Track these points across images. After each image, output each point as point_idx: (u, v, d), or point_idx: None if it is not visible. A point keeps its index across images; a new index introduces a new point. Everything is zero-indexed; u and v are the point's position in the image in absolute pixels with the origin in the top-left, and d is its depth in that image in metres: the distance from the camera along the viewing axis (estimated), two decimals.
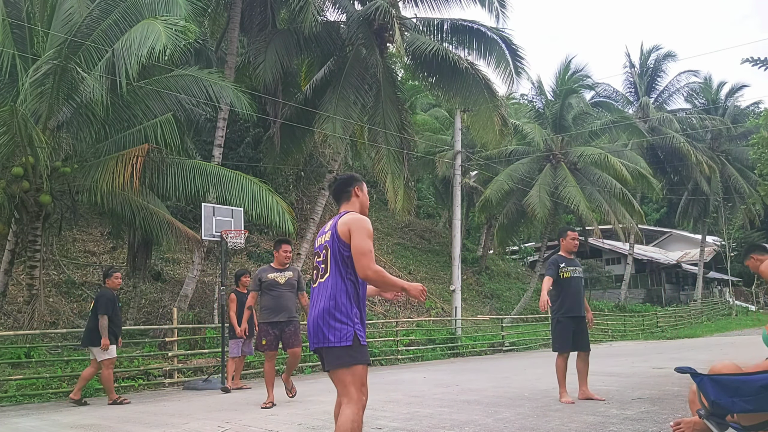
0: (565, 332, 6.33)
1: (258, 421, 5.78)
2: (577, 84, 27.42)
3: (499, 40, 17.17)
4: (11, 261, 11.64)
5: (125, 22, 10.52)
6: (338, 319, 3.06)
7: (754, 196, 30.53)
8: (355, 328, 3.07)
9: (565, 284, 6.40)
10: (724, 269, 36.48)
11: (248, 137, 18.34)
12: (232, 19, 15.29)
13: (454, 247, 19.24)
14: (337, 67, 16.60)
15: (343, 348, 3.04)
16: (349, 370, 3.06)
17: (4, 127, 9.27)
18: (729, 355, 10.70)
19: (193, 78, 11.63)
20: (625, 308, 29.14)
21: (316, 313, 3.12)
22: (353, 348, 3.04)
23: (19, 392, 8.70)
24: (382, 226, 26.43)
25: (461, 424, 5.20)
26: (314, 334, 3.11)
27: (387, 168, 15.95)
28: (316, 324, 3.10)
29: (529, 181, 23.94)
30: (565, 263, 6.46)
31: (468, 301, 22.87)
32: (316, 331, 3.10)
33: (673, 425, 3.17)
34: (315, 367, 12.24)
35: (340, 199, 3.48)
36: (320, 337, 3.08)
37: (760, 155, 18.19)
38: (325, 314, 3.08)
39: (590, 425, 4.95)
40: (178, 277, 15.45)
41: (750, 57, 8.33)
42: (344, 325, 3.05)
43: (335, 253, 3.18)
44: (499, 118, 17.45)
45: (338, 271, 3.15)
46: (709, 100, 34.57)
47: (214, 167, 12.11)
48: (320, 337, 3.08)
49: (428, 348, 15.51)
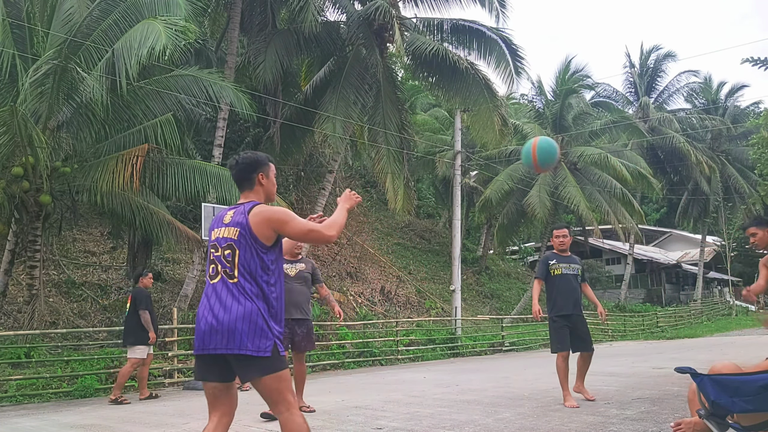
0: (560, 331, 6.19)
1: (258, 421, 5.78)
2: (577, 84, 27.46)
3: (499, 40, 17.17)
4: (11, 261, 11.64)
5: (125, 22, 10.52)
6: (260, 326, 2.78)
7: (754, 196, 30.51)
8: (275, 338, 2.82)
9: (555, 282, 6.28)
10: (724, 269, 36.49)
11: (248, 137, 18.33)
12: (232, 19, 15.29)
13: (454, 247, 19.24)
14: (337, 67, 16.60)
15: (270, 357, 2.80)
16: (279, 375, 2.83)
17: (4, 127, 9.27)
18: (729, 355, 10.70)
19: (193, 78, 11.63)
20: (625, 308, 29.15)
21: (233, 318, 2.77)
22: (277, 355, 2.83)
23: (19, 392, 8.70)
24: (382, 226, 26.43)
25: (461, 424, 5.20)
26: (228, 338, 2.76)
27: (387, 168, 15.95)
28: (232, 328, 2.76)
29: (529, 181, 23.95)
30: (555, 260, 6.33)
31: (468, 301, 22.87)
32: (230, 336, 2.76)
33: (673, 426, 3.16)
34: (315, 367, 12.25)
35: (241, 185, 3.08)
36: (236, 343, 2.75)
37: (760, 155, 18.19)
38: (242, 319, 2.77)
39: (590, 425, 4.95)
40: (178, 277, 15.45)
41: (750, 57, 8.34)
42: (265, 333, 2.79)
43: (249, 254, 2.86)
44: (499, 118, 17.45)
45: (254, 274, 2.85)
46: (709, 100, 34.58)
47: (214, 167, 12.11)
48: (236, 343, 2.75)
49: (428, 348, 15.51)
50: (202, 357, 2.88)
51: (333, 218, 3.08)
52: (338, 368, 12.68)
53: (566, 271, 6.27)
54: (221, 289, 2.88)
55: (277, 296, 2.93)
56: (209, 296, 2.91)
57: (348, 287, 18.70)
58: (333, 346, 13.47)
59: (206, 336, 2.82)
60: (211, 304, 2.87)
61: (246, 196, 3.07)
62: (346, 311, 16.95)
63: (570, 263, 6.34)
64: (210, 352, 2.82)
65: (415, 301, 20.76)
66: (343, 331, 14.17)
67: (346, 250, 21.08)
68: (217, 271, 2.92)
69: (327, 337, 13.93)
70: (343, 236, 21.83)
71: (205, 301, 2.92)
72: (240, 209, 2.98)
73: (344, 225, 3.06)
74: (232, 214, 2.98)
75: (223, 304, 2.83)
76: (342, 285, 18.56)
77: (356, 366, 13.08)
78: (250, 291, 2.84)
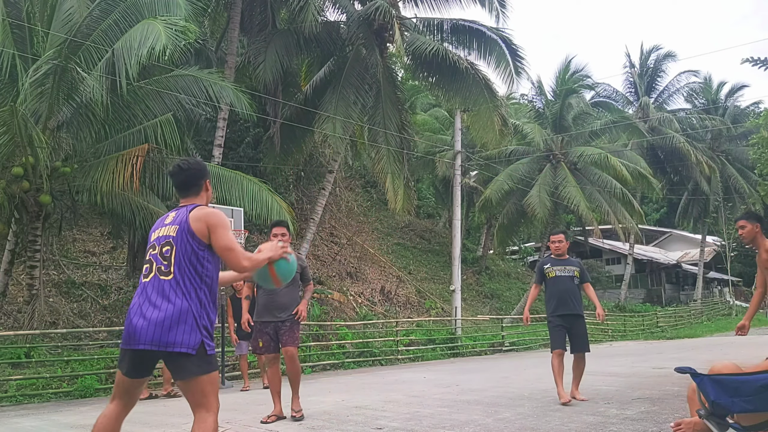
0: (555, 330, 6.49)
1: (258, 421, 5.78)
2: (577, 84, 27.44)
3: (499, 40, 17.18)
4: (11, 261, 11.64)
5: (125, 22, 10.51)
6: (190, 324, 2.83)
7: (754, 196, 30.51)
8: (203, 336, 2.86)
9: (551, 283, 6.58)
10: (724, 269, 36.49)
11: (248, 137, 18.33)
12: (232, 19, 15.29)
13: (454, 247, 19.24)
14: (337, 67, 16.60)
15: (198, 356, 2.83)
16: (208, 378, 2.87)
17: (4, 127, 9.27)
18: (729, 355, 10.70)
19: (193, 78, 11.63)
20: (625, 308, 29.16)
21: (165, 315, 2.81)
22: (206, 355, 2.86)
23: (19, 392, 8.69)
24: (382, 226, 26.43)
25: (461, 424, 5.20)
26: (159, 336, 2.79)
27: (387, 168, 15.95)
28: (165, 326, 2.79)
29: (529, 181, 23.95)
30: (550, 263, 6.65)
31: (468, 301, 22.87)
32: (161, 334, 2.79)
33: (673, 426, 3.16)
34: (315, 367, 12.26)
35: (188, 191, 3.13)
36: (168, 341, 2.79)
37: (760, 155, 18.17)
38: (174, 317, 2.81)
39: (590, 425, 4.95)
40: None
41: (750, 57, 8.36)
42: (196, 331, 2.84)
43: (186, 251, 2.91)
44: (499, 118, 17.46)
45: (188, 272, 2.89)
46: (709, 100, 34.58)
47: (214, 167, 12.11)
48: (168, 341, 2.79)
49: (428, 348, 15.51)
50: (129, 353, 2.91)
51: (255, 255, 3.17)
52: (338, 368, 12.68)
53: (560, 273, 6.54)
54: (155, 286, 2.91)
55: (209, 296, 2.98)
56: (141, 294, 2.94)
57: (348, 287, 18.70)
58: (333, 346, 13.47)
59: (137, 333, 2.83)
60: (142, 302, 2.90)
61: (190, 201, 3.13)
62: (346, 311, 16.94)
63: (565, 265, 6.60)
64: (141, 348, 2.84)
65: (415, 301, 20.76)
66: (343, 331, 14.17)
67: (346, 250, 21.08)
68: (151, 269, 2.95)
69: (327, 337, 13.93)
70: (343, 236, 21.84)
71: (138, 298, 2.95)
72: (182, 210, 3.05)
73: (262, 263, 3.12)
74: (174, 215, 3.05)
75: (155, 302, 2.86)
76: (342, 285, 18.56)
77: (356, 366, 13.08)
78: (184, 288, 2.88)
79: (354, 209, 24.68)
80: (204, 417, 2.86)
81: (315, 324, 13.82)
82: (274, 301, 5.75)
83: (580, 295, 6.63)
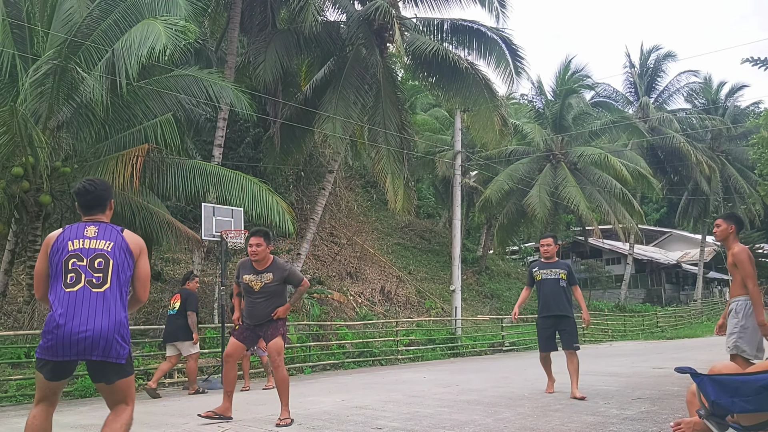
0: (541, 331, 6.95)
1: (258, 421, 5.79)
2: (577, 84, 27.48)
3: (499, 40, 17.18)
4: (11, 261, 11.64)
5: (125, 22, 10.51)
6: (123, 336, 3.07)
7: (754, 196, 30.54)
8: (128, 344, 3.12)
9: (538, 286, 6.93)
10: (724, 269, 36.43)
11: (248, 137, 18.34)
12: (232, 19, 15.29)
13: (454, 247, 19.25)
14: (337, 67, 16.60)
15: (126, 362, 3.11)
16: (129, 379, 3.18)
17: (4, 127, 9.27)
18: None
19: (193, 78, 11.63)
20: (625, 308, 29.13)
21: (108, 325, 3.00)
22: (131, 359, 3.16)
23: (19, 392, 8.69)
24: (382, 226, 26.43)
25: (461, 424, 5.20)
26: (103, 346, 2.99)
27: (387, 168, 15.95)
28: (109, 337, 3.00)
29: (529, 181, 23.96)
30: (537, 267, 6.97)
31: (468, 301, 22.87)
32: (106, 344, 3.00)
33: (673, 426, 3.16)
34: (315, 367, 12.26)
35: (94, 209, 3.28)
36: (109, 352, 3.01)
37: (760, 155, 18.16)
38: (116, 329, 3.04)
39: (590, 425, 4.95)
40: (178, 277, 15.43)
41: (750, 57, 8.37)
42: (125, 343, 3.09)
43: (123, 267, 3.14)
44: (499, 118, 17.46)
45: (119, 286, 3.12)
46: (709, 100, 34.59)
47: (214, 167, 12.11)
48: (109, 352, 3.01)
49: (428, 348, 15.51)
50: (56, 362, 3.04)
51: (139, 301, 3.36)
52: (338, 368, 12.68)
53: (546, 276, 6.85)
54: (86, 298, 3.03)
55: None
56: (70, 304, 3.01)
57: (348, 287, 18.70)
58: (333, 346, 13.47)
59: (74, 344, 2.96)
60: (74, 312, 2.99)
61: (96, 217, 3.27)
62: (346, 311, 16.95)
63: (552, 268, 6.87)
64: (81, 359, 3.03)
65: (415, 301, 20.77)
66: (343, 331, 14.17)
67: (346, 250, 21.09)
68: (79, 280, 3.05)
69: (327, 337, 13.93)
70: (343, 236, 21.85)
71: (66, 308, 3.00)
72: (106, 226, 3.23)
73: (143, 303, 3.44)
74: (96, 229, 3.19)
75: (89, 314, 2.99)
76: (342, 285, 18.56)
77: (356, 366, 13.08)
78: (119, 301, 3.10)
79: (354, 209, 24.69)
80: (124, 408, 3.17)
81: (315, 324, 13.81)
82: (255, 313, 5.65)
83: (569, 296, 6.84)
